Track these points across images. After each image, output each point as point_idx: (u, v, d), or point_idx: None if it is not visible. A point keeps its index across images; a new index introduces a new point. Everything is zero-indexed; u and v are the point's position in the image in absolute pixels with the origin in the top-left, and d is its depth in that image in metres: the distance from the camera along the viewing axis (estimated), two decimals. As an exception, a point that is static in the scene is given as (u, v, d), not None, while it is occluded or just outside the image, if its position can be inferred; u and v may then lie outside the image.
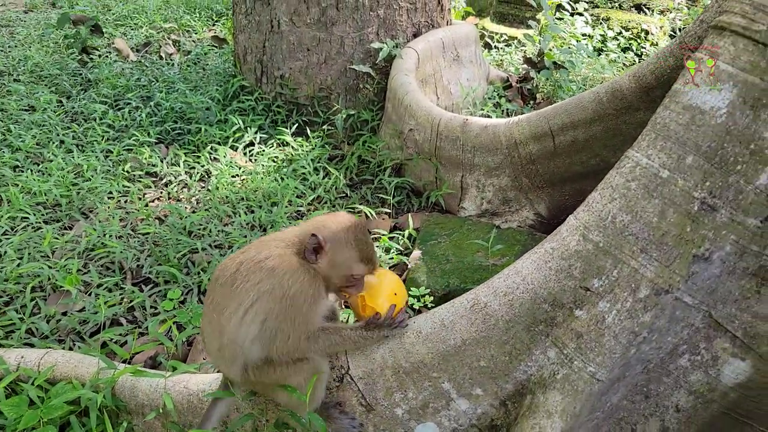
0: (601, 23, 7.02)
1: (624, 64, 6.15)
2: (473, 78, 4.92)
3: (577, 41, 6.08)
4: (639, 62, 6.18)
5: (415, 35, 4.68)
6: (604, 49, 6.54)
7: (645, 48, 6.57)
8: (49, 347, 2.65)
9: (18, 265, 3.16)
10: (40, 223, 3.61)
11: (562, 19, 6.74)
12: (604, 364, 1.70)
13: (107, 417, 2.20)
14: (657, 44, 6.60)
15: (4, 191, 3.80)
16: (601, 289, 1.72)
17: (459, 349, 1.86)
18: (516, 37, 6.65)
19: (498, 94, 5.19)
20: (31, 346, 2.73)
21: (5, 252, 3.28)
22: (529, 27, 6.05)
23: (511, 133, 3.41)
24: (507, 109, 4.97)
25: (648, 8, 7.15)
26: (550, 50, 5.36)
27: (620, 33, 6.85)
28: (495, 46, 6.59)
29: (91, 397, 2.22)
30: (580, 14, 6.68)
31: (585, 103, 2.95)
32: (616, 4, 7.36)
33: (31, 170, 4.07)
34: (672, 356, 1.78)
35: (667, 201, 1.68)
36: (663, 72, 2.42)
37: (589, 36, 6.58)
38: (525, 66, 5.52)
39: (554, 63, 5.16)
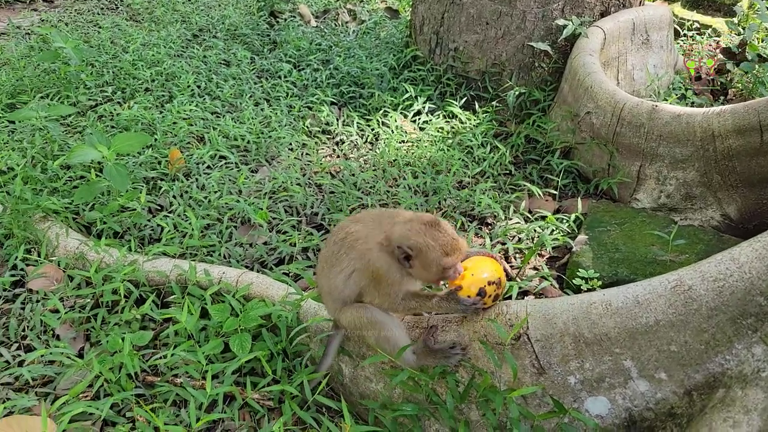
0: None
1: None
2: (660, 65, 4.60)
3: (783, 35, 5.41)
4: None
5: (603, 14, 4.47)
6: (819, 45, 5.73)
7: None
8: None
9: (219, 197, 3.59)
10: (234, 163, 4.05)
11: (768, 8, 6.00)
12: (824, 370, 1.57)
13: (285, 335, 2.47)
14: None
15: (206, 132, 4.31)
16: (836, 289, 1.58)
17: (650, 329, 1.82)
18: (710, 26, 6.06)
19: (684, 86, 4.81)
20: (228, 266, 3.11)
21: (207, 184, 3.75)
22: (730, 14, 5.50)
23: (708, 124, 3.16)
24: (693, 103, 4.59)
25: None
26: (754, 41, 4.83)
27: (840, 28, 5.94)
28: (684, 33, 6.07)
29: (281, 315, 2.49)
30: (791, 4, 5.90)
31: (812, 95, 2.65)
32: (840, -5, 6.37)
33: (227, 117, 4.55)
34: None
35: None
36: None
37: (799, 30, 5.80)
38: (720, 57, 5.04)
39: (758, 56, 4.64)
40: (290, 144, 4.32)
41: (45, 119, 3.84)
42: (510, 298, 2.93)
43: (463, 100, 4.64)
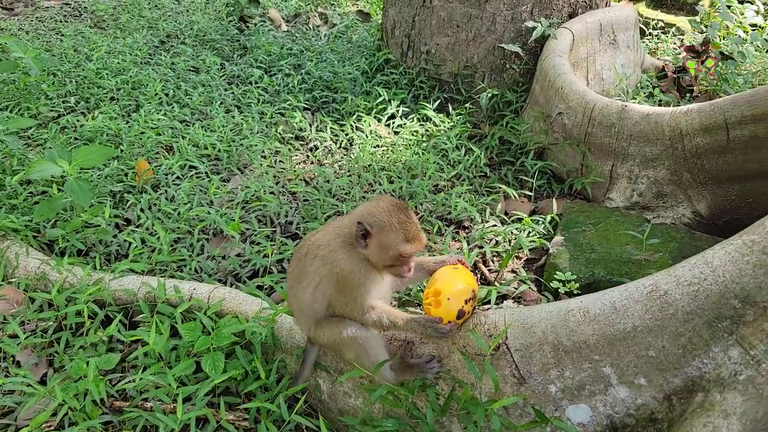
0: (778, 13, 6.29)
1: (804, 60, 5.48)
2: (628, 64, 4.65)
3: (745, 32, 5.51)
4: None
5: (571, 16, 4.50)
6: (779, 42, 5.85)
7: (832, 43, 5.79)
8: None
9: (189, 209, 3.49)
10: (205, 172, 3.95)
11: (730, 6, 6.13)
12: (801, 371, 1.57)
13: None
14: None
15: (175, 142, 4.20)
16: (809, 291, 1.58)
17: (627, 335, 1.80)
18: (674, 24, 6.17)
19: (651, 84, 4.87)
20: (199, 281, 3.02)
21: (176, 195, 3.64)
22: (692, 13, 5.59)
23: (676, 123, 3.19)
24: (661, 101, 4.65)
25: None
26: (716, 39, 4.92)
27: (800, 25, 6.09)
28: (650, 32, 6.16)
29: (255, 331, 2.42)
30: (750, 2, 6.03)
31: (777, 94, 2.69)
32: (799, -8, 6.54)
33: (197, 125, 4.44)
34: None
35: None
36: None
37: (759, 27, 5.93)
38: (685, 55, 5.11)
39: (721, 53, 4.72)
40: (263, 151, 4.23)
41: (3, 132, 3.69)
42: (488, 303, 2.91)
43: (437, 102, 4.62)
